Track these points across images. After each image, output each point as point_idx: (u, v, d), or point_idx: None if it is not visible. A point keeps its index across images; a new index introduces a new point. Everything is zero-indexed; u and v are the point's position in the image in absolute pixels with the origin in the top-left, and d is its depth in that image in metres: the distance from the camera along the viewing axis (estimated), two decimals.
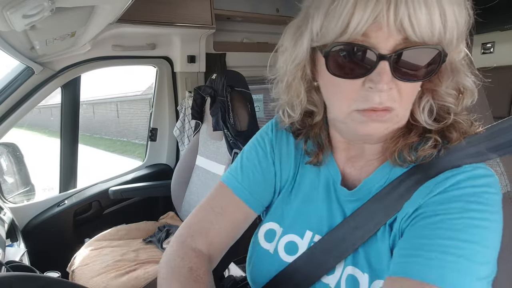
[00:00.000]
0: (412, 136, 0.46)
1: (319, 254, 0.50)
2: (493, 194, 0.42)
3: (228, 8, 1.82)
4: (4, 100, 1.45)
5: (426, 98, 0.45)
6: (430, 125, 0.45)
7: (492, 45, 1.88)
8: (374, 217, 0.47)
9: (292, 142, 0.58)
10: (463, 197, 0.41)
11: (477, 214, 0.40)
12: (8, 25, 0.79)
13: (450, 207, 0.40)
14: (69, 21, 1.08)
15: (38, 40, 1.15)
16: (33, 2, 0.72)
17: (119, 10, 1.23)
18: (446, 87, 0.44)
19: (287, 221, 0.55)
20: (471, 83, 0.44)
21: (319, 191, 0.54)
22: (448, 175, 0.43)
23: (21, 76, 1.48)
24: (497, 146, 0.46)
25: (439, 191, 0.42)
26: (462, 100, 0.45)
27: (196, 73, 1.99)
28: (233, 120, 1.45)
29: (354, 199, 0.51)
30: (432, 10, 0.35)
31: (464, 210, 0.40)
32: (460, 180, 0.42)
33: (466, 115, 0.46)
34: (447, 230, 0.39)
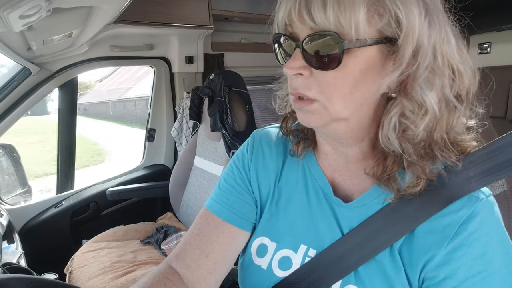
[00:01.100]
0: (389, 162, 0.45)
1: (316, 271, 0.49)
2: (501, 220, 0.44)
3: (226, 8, 1.82)
4: (1, 101, 1.45)
5: (395, 110, 0.42)
6: (389, 143, 0.43)
7: (489, 45, 1.89)
8: (377, 237, 0.46)
9: (277, 151, 0.58)
10: (486, 248, 0.42)
11: (501, 261, 0.41)
12: (5, 26, 0.78)
13: (477, 266, 0.41)
14: (66, 21, 1.07)
15: (35, 41, 1.14)
16: (30, 2, 0.72)
17: (117, 11, 1.23)
18: (411, 99, 0.41)
19: (279, 235, 0.54)
20: (434, 101, 0.40)
21: (310, 203, 0.53)
22: (463, 214, 0.42)
23: (18, 77, 1.47)
24: (502, 164, 0.44)
25: (461, 239, 0.42)
26: (422, 120, 0.41)
27: (194, 73, 1.98)
28: (231, 121, 1.45)
29: (350, 212, 0.49)
30: (327, 4, 0.38)
31: (489, 264, 0.41)
32: (480, 225, 0.42)
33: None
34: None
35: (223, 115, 1.47)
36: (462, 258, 0.41)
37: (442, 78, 0.40)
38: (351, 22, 0.37)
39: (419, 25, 0.38)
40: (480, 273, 0.41)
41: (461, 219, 0.42)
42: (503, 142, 0.45)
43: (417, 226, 0.44)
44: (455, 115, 0.42)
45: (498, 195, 0.56)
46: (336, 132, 0.46)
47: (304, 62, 0.41)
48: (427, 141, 0.42)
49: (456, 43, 0.41)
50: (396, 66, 0.40)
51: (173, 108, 2.00)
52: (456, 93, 0.42)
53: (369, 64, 0.40)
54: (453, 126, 0.43)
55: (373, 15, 0.38)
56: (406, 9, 0.38)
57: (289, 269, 0.51)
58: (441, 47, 0.40)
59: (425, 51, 0.39)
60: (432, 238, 0.43)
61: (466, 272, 0.41)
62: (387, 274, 0.45)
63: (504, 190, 0.55)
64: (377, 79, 0.41)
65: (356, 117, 0.44)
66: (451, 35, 0.41)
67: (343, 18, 0.37)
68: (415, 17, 0.38)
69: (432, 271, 0.43)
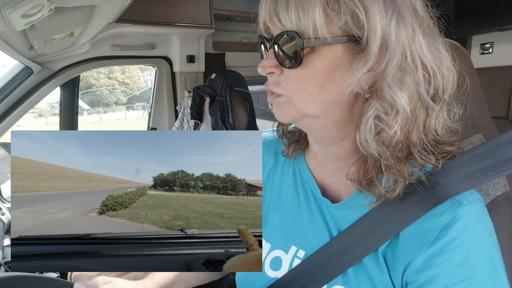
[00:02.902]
0: (369, 165, 0.45)
1: (305, 274, 0.49)
2: (490, 231, 0.43)
3: (227, 8, 1.82)
4: (3, 100, 1.45)
5: (371, 111, 0.42)
6: (367, 144, 0.43)
7: (491, 46, 1.89)
8: (363, 240, 0.45)
9: (269, 153, 0.61)
10: (469, 256, 0.40)
11: (485, 270, 0.40)
12: (7, 25, 0.79)
13: (458, 273, 0.40)
14: (68, 20, 1.07)
15: (37, 40, 1.14)
16: (32, 1, 0.72)
17: (118, 10, 1.23)
18: (382, 99, 0.41)
19: (272, 236, 0.55)
20: (404, 100, 0.40)
21: (300, 204, 0.53)
22: (445, 219, 0.41)
23: (20, 75, 1.47)
24: (494, 165, 0.43)
25: (442, 244, 0.41)
26: (393, 120, 0.41)
27: (195, 73, 1.98)
28: (232, 120, 1.45)
29: (338, 213, 0.49)
30: (290, 5, 0.40)
31: (472, 273, 0.40)
32: (462, 231, 0.41)
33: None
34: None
35: (224, 115, 1.47)
36: (443, 264, 0.40)
37: (414, 77, 0.40)
38: (309, 21, 0.39)
39: (383, 23, 0.38)
40: (462, 282, 0.39)
41: (442, 224, 0.41)
42: (501, 140, 0.44)
43: (402, 230, 0.44)
44: (432, 115, 0.42)
45: (500, 195, 0.56)
46: (311, 129, 0.47)
47: (276, 61, 0.43)
48: (405, 143, 0.42)
49: (428, 42, 0.40)
50: (363, 64, 0.39)
51: (174, 107, 2.00)
52: (433, 93, 0.41)
53: (335, 63, 0.40)
54: (431, 127, 0.42)
55: (330, 14, 0.38)
56: (366, 8, 0.38)
57: (279, 269, 0.52)
58: (410, 46, 0.39)
59: (393, 49, 0.39)
60: (414, 241, 0.43)
61: (447, 279, 0.40)
62: (371, 277, 0.45)
63: (506, 191, 0.55)
64: (346, 78, 0.41)
65: (330, 115, 0.44)
66: (421, 34, 0.40)
67: (302, 18, 0.39)
68: (377, 15, 0.38)
69: (413, 275, 0.42)
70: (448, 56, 0.42)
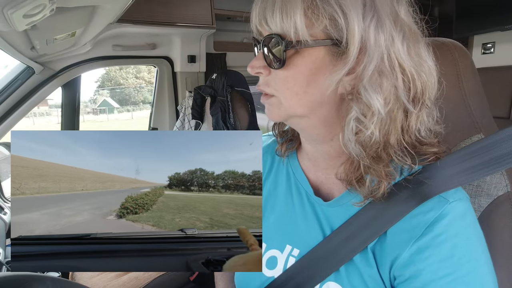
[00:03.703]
0: (355, 165, 0.46)
1: (300, 272, 0.50)
2: (475, 229, 0.43)
3: (229, 8, 1.82)
4: (4, 100, 1.45)
5: (353, 112, 0.43)
6: (351, 146, 0.44)
7: (493, 45, 1.88)
8: (354, 238, 0.46)
9: (266, 155, 0.63)
10: (454, 251, 0.41)
11: (470, 267, 0.41)
12: (9, 25, 0.79)
13: (443, 268, 0.41)
14: (69, 21, 1.07)
15: (39, 40, 1.15)
16: (34, 2, 0.72)
17: (120, 10, 1.23)
18: (358, 101, 0.42)
19: (268, 235, 0.56)
20: (378, 102, 0.41)
21: (294, 203, 0.54)
22: (432, 216, 0.43)
23: (22, 75, 1.48)
24: (487, 162, 0.44)
25: (427, 240, 0.42)
26: (369, 121, 0.42)
27: (196, 73, 1.99)
28: (233, 120, 1.45)
29: (331, 211, 0.51)
30: (275, 9, 0.42)
31: (457, 268, 0.40)
32: (447, 227, 0.42)
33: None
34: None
35: (225, 115, 1.47)
36: (428, 259, 0.41)
37: (391, 80, 0.41)
38: (291, 24, 0.41)
39: (362, 27, 0.39)
40: (446, 276, 0.40)
41: (429, 220, 0.43)
42: (496, 138, 0.44)
43: (390, 227, 0.45)
44: (412, 118, 0.43)
45: (502, 195, 0.55)
46: (301, 128, 0.50)
47: (264, 61, 0.45)
48: (382, 144, 0.43)
49: (408, 47, 0.41)
50: (343, 66, 0.41)
51: (175, 108, 2.00)
52: (412, 96, 0.42)
53: (318, 64, 0.42)
54: (411, 129, 0.44)
55: (311, 18, 0.40)
56: (344, 13, 0.39)
57: (275, 268, 0.53)
58: (389, 50, 0.40)
59: (371, 53, 0.40)
60: (401, 237, 0.44)
61: (431, 274, 0.41)
62: (361, 272, 0.46)
63: (508, 191, 0.55)
64: (327, 79, 0.42)
65: (317, 115, 0.46)
66: (401, 40, 0.41)
67: (286, 21, 0.41)
68: (355, 20, 0.39)
69: (399, 270, 0.43)
70: (430, 61, 0.43)
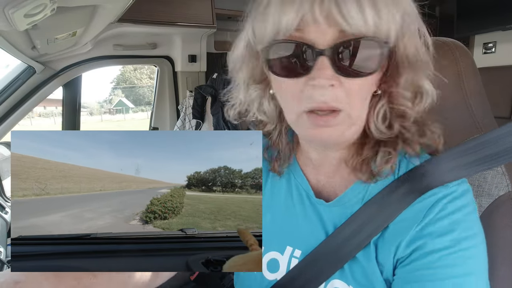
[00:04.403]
0: (366, 148, 0.46)
1: (304, 273, 0.49)
2: (474, 212, 0.44)
3: (229, 7, 1.82)
4: (6, 99, 1.46)
5: (382, 102, 0.43)
6: (381, 133, 0.44)
7: (494, 45, 1.87)
8: (357, 235, 0.46)
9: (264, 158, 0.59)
10: (453, 226, 0.42)
11: (468, 243, 0.41)
12: (10, 25, 0.79)
13: (443, 241, 0.41)
14: (70, 20, 1.08)
15: (40, 40, 1.15)
16: (35, 1, 0.72)
17: (120, 10, 1.23)
18: (403, 88, 0.42)
19: (266, 238, 0.53)
20: (430, 85, 0.42)
21: (294, 203, 0.53)
22: (432, 199, 0.43)
23: (23, 75, 1.48)
24: (483, 158, 0.45)
25: (429, 220, 0.43)
26: (419, 104, 0.43)
27: (197, 72, 1.99)
28: None
29: (333, 211, 0.50)
30: (364, 3, 0.34)
31: (456, 242, 0.41)
32: (446, 205, 0.43)
33: (426, 124, 0.45)
34: (445, 268, 0.40)
35: None
36: (430, 234, 0.42)
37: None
38: (389, 24, 0.35)
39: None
40: (446, 248, 0.41)
41: (430, 203, 0.43)
42: (494, 134, 0.45)
43: (393, 220, 0.45)
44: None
45: (503, 195, 0.55)
46: (339, 142, 0.44)
47: (334, 71, 0.37)
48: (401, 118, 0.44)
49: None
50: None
51: (176, 107, 2.00)
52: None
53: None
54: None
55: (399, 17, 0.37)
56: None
57: (277, 271, 0.52)
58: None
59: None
60: (403, 225, 0.44)
61: (432, 246, 0.41)
62: (364, 268, 0.46)
63: (509, 191, 0.55)
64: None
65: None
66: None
67: (381, 20, 0.35)
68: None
69: (403, 251, 0.44)
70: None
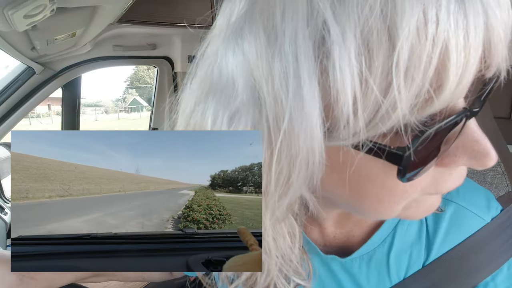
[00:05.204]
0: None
1: None
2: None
3: None
4: (5, 101, 1.46)
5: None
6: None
7: None
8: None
9: None
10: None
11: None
12: (9, 25, 0.79)
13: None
14: (70, 21, 1.08)
15: (39, 40, 1.15)
16: (34, 2, 0.72)
17: (120, 11, 1.23)
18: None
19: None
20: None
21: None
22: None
23: (22, 76, 1.48)
24: None
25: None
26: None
27: None
28: None
29: (355, 268, 0.42)
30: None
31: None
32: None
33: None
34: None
35: None
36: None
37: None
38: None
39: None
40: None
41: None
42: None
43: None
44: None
45: (503, 196, 0.55)
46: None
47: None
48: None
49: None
50: None
51: None
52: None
53: None
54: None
55: None
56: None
57: None
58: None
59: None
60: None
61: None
62: None
63: (509, 191, 0.55)
64: None
65: None
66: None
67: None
68: None
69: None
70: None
